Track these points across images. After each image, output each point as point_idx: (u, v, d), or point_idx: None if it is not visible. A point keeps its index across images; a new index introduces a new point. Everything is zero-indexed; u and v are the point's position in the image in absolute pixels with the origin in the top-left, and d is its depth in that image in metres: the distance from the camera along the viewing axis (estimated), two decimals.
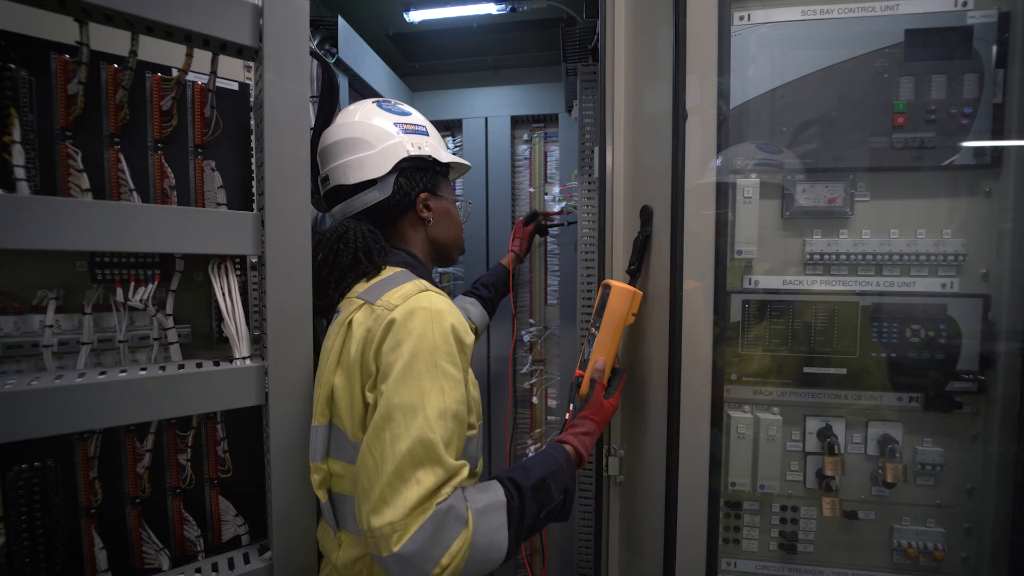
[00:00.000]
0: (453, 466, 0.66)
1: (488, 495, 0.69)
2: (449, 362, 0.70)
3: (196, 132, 0.81)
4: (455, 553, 0.62)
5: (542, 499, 0.73)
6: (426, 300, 0.72)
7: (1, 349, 0.73)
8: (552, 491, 0.75)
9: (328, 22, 1.22)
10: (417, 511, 0.61)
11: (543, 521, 0.74)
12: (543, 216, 1.47)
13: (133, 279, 0.79)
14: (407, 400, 0.65)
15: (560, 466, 0.78)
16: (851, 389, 0.94)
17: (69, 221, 0.62)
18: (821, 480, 0.95)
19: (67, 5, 0.63)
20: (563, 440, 0.85)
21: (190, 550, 0.81)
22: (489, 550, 0.66)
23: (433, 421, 0.65)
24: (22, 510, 0.69)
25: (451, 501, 0.64)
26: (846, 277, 0.95)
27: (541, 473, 0.75)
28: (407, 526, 0.61)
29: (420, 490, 0.62)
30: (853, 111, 0.93)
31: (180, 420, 0.81)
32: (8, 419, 0.62)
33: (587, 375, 0.92)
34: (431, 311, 0.71)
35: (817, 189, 0.95)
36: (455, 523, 0.63)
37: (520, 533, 0.70)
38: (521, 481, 0.73)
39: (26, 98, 0.70)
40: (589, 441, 0.87)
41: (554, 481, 0.76)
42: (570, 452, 0.83)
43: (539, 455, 0.81)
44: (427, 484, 0.63)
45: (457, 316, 0.75)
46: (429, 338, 0.68)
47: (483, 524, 0.66)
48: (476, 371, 1.71)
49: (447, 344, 0.70)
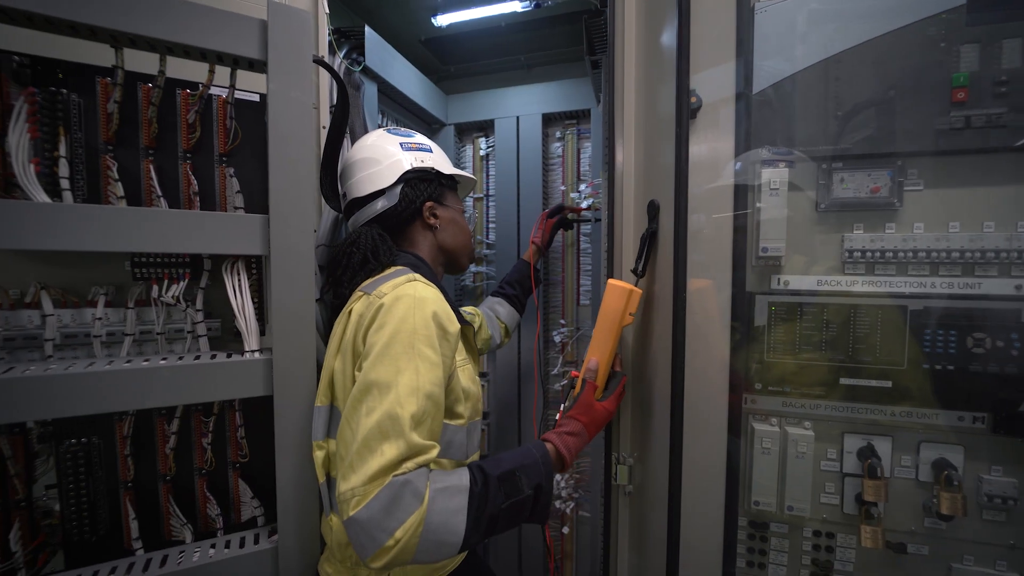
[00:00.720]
0: (417, 444, 0.67)
1: (452, 478, 0.70)
2: (427, 345, 0.72)
3: (219, 141, 0.88)
4: (408, 528, 0.63)
5: (508, 490, 0.72)
6: (411, 288, 0.76)
7: (60, 338, 0.83)
8: (521, 485, 0.73)
9: (356, 32, 1.27)
10: (377, 481, 0.64)
11: (510, 515, 0.73)
12: (569, 209, 1.44)
13: (167, 277, 0.87)
14: (382, 377, 0.69)
15: (534, 461, 0.77)
16: (898, 405, 0.83)
17: (98, 226, 0.69)
18: (861, 506, 0.84)
19: (98, 34, 0.70)
20: (546, 438, 0.84)
21: (212, 527, 0.88)
22: (443, 531, 0.65)
23: (404, 398, 0.68)
24: (70, 480, 0.79)
25: (410, 476, 0.65)
26: (893, 277, 0.83)
27: (511, 465, 0.75)
28: (366, 493, 0.63)
29: (382, 460, 0.64)
30: (901, 88, 0.81)
31: (205, 406, 0.88)
32: (61, 398, 0.71)
33: (580, 375, 0.89)
34: (415, 298, 0.75)
35: (858, 178, 0.85)
36: (412, 498, 0.64)
37: (480, 521, 0.69)
38: (489, 470, 0.73)
39: (76, 117, 0.79)
40: (573, 441, 0.84)
41: (525, 475, 0.74)
42: (550, 450, 0.82)
43: (518, 449, 0.81)
44: (389, 456, 0.65)
45: (441, 306, 0.78)
46: (410, 321, 0.72)
47: (439, 504, 0.66)
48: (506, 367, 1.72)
49: (427, 329, 0.73)
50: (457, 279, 1.83)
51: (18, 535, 0.75)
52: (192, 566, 0.77)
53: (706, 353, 0.86)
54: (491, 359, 1.81)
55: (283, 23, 0.78)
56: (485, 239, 1.80)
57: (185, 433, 0.87)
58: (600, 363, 0.90)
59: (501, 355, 1.77)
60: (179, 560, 0.79)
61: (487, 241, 1.80)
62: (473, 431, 0.87)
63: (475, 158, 1.81)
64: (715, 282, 0.87)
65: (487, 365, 1.83)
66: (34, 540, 0.77)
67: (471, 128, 1.81)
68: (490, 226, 1.79)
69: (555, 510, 1.67)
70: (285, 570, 0.83)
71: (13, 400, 0.68)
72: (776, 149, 0.88)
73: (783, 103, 0.87)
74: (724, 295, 0.87)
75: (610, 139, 0.93)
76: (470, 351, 0.95)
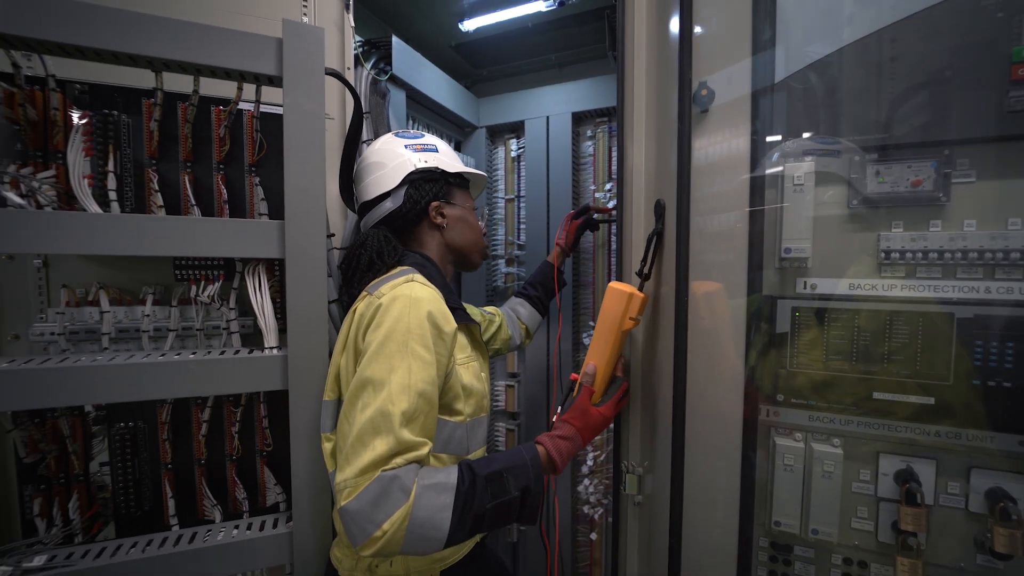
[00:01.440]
0: (408, 440, 0.69)
1: (440, 475, 0.71)
2: (421, 344, 0.74)
3: (248, 152, 0.95)
4: (395, 521, 0.65)
5: (495, 491, 0.73)
6: (408, 289, 0.78)
7: (115, 332, 0.93)
8: (508, 486, 0.74)
9: (384, 42, 1.32)
10: (367, 474, 0.66)
11: (496, 515, 0.73)
12: (594, 210, 1.41)
13: (203, 278, 0.96)
14: (376, 374, 0.71)
15: (523, 463, 0.77)
16: (943, 424, 0.74)
17: (135, 233, 0.77)
18: (898, 535, 0.76)
19: (137, 61, 0.79)
20: (538, 441, 0.84)
21: (239, 509, 0.95)
22: (428, 527, 0.67)
23: (395, 395, 0.70)
24: (119, 460, 0.89)
25: (399, 472, 0.67)
26: (939, 281, 0.74)
27: (500, 466, 0.75)
28: (356, 485, 0.66)
29: (372, 455, 0.67)
30: (948, 67, 0.72)
31: (234, 397, 0.95)
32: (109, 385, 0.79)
33: (579, 379, 0.87)
34: (410, 298, 0.76)
35: (896, 171, 0.76)
36: (399, 493, 0.66)
37: (465, 519, 0.70)
38: (478, 470, 0.74)
39: (125, 136, 0.89)
40: (565, 445, 0.83)
41: (512, 476, 0.75)
42: (540, 453, 0.81)
43: (509, 450, 0.81)
44: (379, 451, 0.67)
45: (437, 305, 0.79)
46: (404, 321, 0.74)
47: (425, 500, 0.67)
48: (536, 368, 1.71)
49: (421, 328, 0.75)
50: (489, 280, 1.85)
51: (76, 505, 0.86)
52: (216, 544, 0.84)
53: (718, 360, 0.81)
54: (521, 360, 1.81)
55: (296, 40, 0.83)
56: (516, 240, 1.81)
57: (217, 421, 0.95)
58: (598, 368, 0.87)
59: (531, 356, 1.77)
60: (206, 538, 0.86)
61: (518, 242, 1.80)
62: (476, 427, 0.88)
63: (506, 160, 1.82)
64: (728, 285, 0.82)
65: (517, 366, 1.83)
66: (89, 510, 0.88)
67: (503, 130, 1.82)
68: (521, 227, 1.79)
69: (583, 515, 1.64)
70: (300, 553, 0.88)
71: (72, 386, 0.77)
72: (800, 141, 0.81)
73: (810, 91, 0.80)
74: (739, 299, 0.82)
75: (620, 138, 0.90)
76: (476, 348, 0.96)
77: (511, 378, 1.85)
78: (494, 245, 1.85)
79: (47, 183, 0.81)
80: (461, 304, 0.99)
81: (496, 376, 1.89)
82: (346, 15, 1.14)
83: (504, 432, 1.87)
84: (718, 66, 0.82)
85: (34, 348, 0.90)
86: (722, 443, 0.83)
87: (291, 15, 1.12)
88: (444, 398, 0.81)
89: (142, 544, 0.83)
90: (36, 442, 0.83)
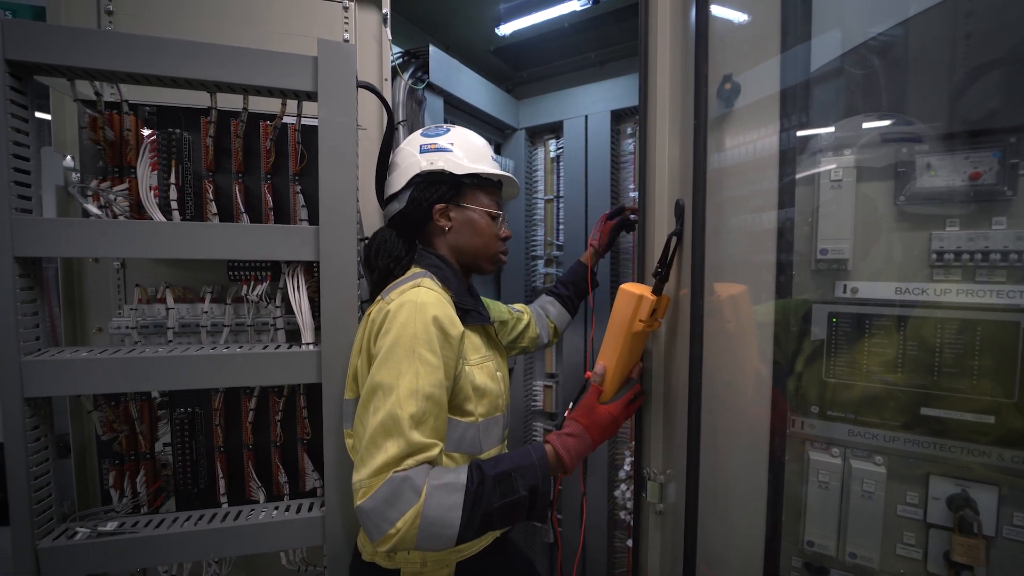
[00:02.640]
0: (418, 442, 0.72)
1: (450, 476, 0.73)
2: (427, 349, 0.77)
3: (292, 163, 1.03)
4: (407, 519, 0.68)
5: (503, 491, 0.74)
6: (415, 295, 0.80)
7: (178, 327, 1.04)
8: (516, 485, 0.75)
9: (422, 51, 1.37)
10: (380, 475, 0.70)
11: (506, 513, 0.74)
12: (630, 210, 1.38)
13: (253, 279, 1.04)
14: (385, 379, 0.75)
15: (531, 463, 0.78)
16: (1009, 448, 0.66)
17: (189, 239, 0.86)
18: (950, 567, 0.68)
19: (193, 84, 0.88)
20: (547, 440, 0.84)
21: (281, 492, 1.03)
22: (439, 525, 0.70)
23: (404, 399, 0.73)
24: (178, 441, 0.99)
25: (410, 473, 0.70)
26: (1002, 285, 0.66)
27: (508, 466, 0.77)
28: (370, 485, 0.70)
29: (384, 457, 0.71)
30: (1006, 46, 0.64)
31: (278, 388, 1.04)
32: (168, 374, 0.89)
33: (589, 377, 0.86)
34: (416, 304, 0.79)
35: (951, 162, 0.69)
36: (410, 493, 0.69)
37: (475, 518, 0.71)
38: (487, 470, 0.75)
39: (186, 151, 0.99)
40: (572, 443, 0.83)
41: (520, 476, 0.76)
42: (548, 452, 0.82)
43: (519, 450, 0.81)
44: (391, 453, 0.71)
45: (443, 310, 0.81)
46: (411, 327, 0.77)
47: (435, 499, 0.70)
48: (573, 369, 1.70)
49: (427, 334, 0.77)
50: (528, 280, 1.86)
51: (143, 479, 0.97)
52: (257, 523, 0.92)
53: (744, 366, 0.77)
54: (559, 361, 1.81)
55: (330, 57, 0.88)
56: (555, 240, 1.80)
57: (263, 410, 1.03)
58: (607, 368, 0.86)
59: (568, 357, 1.76)
60: (248, 516, 0.94)
61: (556, 243, 1.80)
62: (489, 427, 0.89)
63: (545, 160, 1.82)
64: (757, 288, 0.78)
65: (556, 367, 1.83)
66: (154, 484, 0.99)
67: (542, 131, 1.82)
68: (560, 227, 1.79)
69: (620, 521, 1.61)
70: (330, 537, 0.94)
71: (140, 373, 0.88)
72: (838, 135, 0.75)
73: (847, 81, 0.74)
74: (768, 302, 0.77)
75: (643, 137, 0.88)
76: (492, 348, 0.97)
77: (549, 378, 1.85)
78: (533, 246, 1.86)
79: (121, 195, 0.92)
80: (476, 306, 0.98)
81: (534, 376, 1.90)
82: (384, 29, 1.20)
83: (542, 432, 1.88)
84: (746, 57, 0.78)
85: (112, 340, 1.02)
86: (749, 454, 0.79)
87: (334, 33, 1.19)
88: (454, 399, 0.83)
89: (195, 518, 0.93)
90: (111, 422, 0.95)
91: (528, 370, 1.90)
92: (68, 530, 0.88)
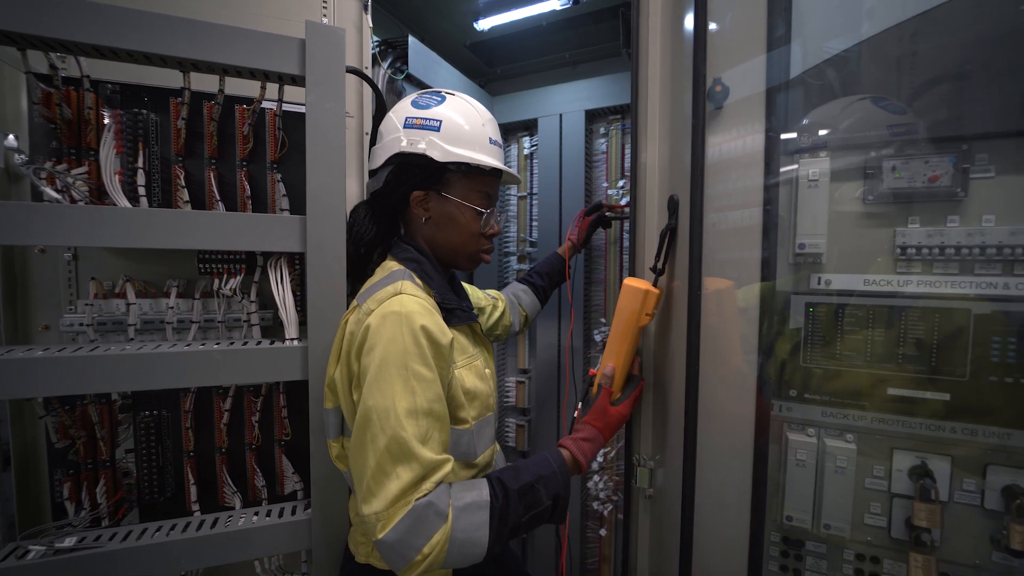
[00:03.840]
0: (430, 461, 0.68)
1: (473, 493, 0.71)
2: (420, 363, 0.71)
3: (270, 150, 0.98)
4: (435, 544, 0.66)
5: (528, 503, 0.73)
6: (397, 304, 0.73)
7: (140, 323, 0.97)
8: (540, 496, 0.74)
9: (400, 42, 1.34)
10: (399, 504, 0.66)
11: (530, 523, 0.74)
12: (607, 207, 1.41)
13: (226, 272, 0.98)
14: (380, 403, 0.69)
15: (552, 472, 0.77)
16: (959, 421, 0.74)
17: (166, 227, 0.80)
18: (911, 531, 0.76)
19: (168, 61, 0.82)
20: (563, 445, 0.84)
21: (258, 497, 0.98)
22: (468, 545, 0.68)
23: (404, 420, 0.68)
24: (143, 447, 0.92)
25: (431, 497, 0.67)
26: (955, 277, 0.74)
27: (530, 477, 0.75)
28: (389, 516, 0.66)
29: (400, 484, 0.66)
30: (968, 62, 0.72)
31: (254, 387, 0.98)
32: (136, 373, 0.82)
33: (597, 379, 0.88)
34: (401, 315, 0.72)
35: (913, 166, 0.76)
36: (435, 518, 0.66)
37: (503, 532, 0.71)
38: (509, 483, 0.73)
39: (153, 133, 0.92)
40: (588, 447, 0.83)
41: (543, 486, 0.75)
42: (567, 458, 0.81)
43: (535, 458, 0.80)
44: (405, 479, 0.66)
45: (431, 319, 0.75)
46: (399, 342, 0.71)
47: (463, 521, 0.68)
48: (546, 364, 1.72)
49: (418, 347, 0.71)
50: (500, 276, 1.86)
51: (103, 490, 0.89)
52: (239, 529, 0.87)
53: (730, 355, 0.82)
54: (532, 356, 1.82)
55: (318, 41, 0.85)
56: (528, 237, 1.82)
57: (237, 411, 0.98)
58: (616, 368, 0.88)
59: (542, 352, 1.78)
60: (227, 523, 0.88)
61: (529, 239, 1.81)
62: (482, 429, 0.86)
63: (519, 157, 1.83)
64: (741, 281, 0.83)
65: (528, 362, 1.84)
66: (115, 495, 0.91)
67: (516, 128, 1.83)
68: (533, 224, 1.80)
69: (593, 512, 1.65)
70: (317, 539, 0.91)
71: (105, 373, 0.80)
72: (815, 137, 0.81)
73: (826, 86, 0.81)
74: (752, 295, 0.82)
75: (633, 135, 0.91)
76: (478, 345, 0.93)
77: (522, 374, 1.86)
78: (506, 242, 1.87)
79: (80, 179, 0.84)
80: (460, 303, 0.91)
81: (506, 372, 1.90)
82: (364, 16, 1.16)
83: (515, 428, 1.89)
84: (732, 62, 0.82)
85: (63, 338, 0.93)
86: (733, 438, 0.83)
87: (311, 16, 1.14)
88: (448, 408, 0.79)
89: (167, 528, 0.86)
90: (68, 428, 0.86)
91: (500, 366, 1.91)
92: (17, 549, 0.79)
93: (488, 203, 0.92)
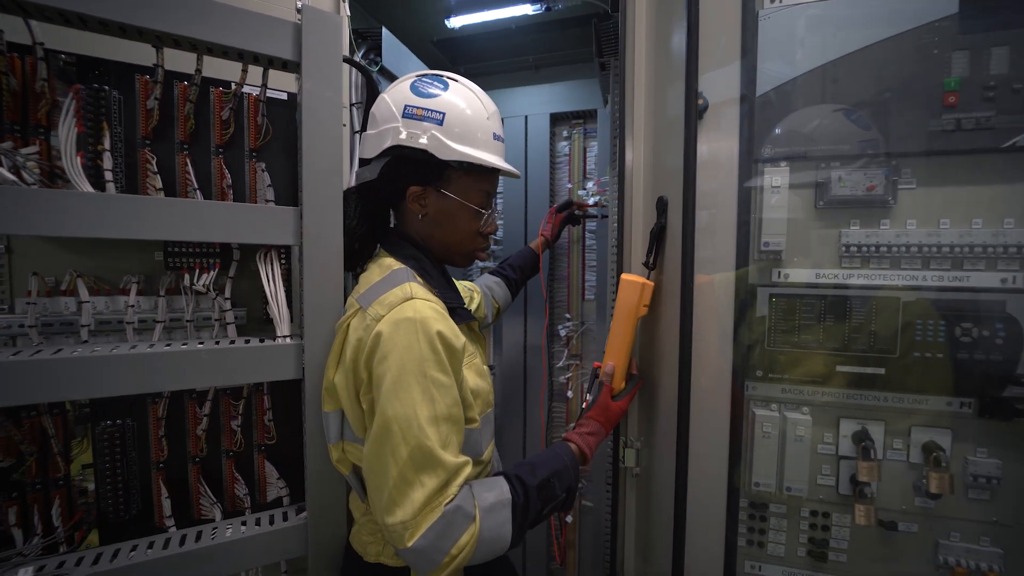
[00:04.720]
0: (454, 465, 0.70)
1: (495, 492, 0.73)
2: (438, 370, 0.71)
3: (250, 137, 0.92)
4: (463, 545, 0.68)
5: (546, 497, 0.77)
6: (411, 310, 0.72)
7: (94, 324, 0.87)
8: (556, 489, 0.79)
9: (373, 33, 1.31)
10: (426, 510, 0.67)
11: (546, 515, 0.79)
12: (577, 206, 1.49)
13: (198, 267, 0.91)
14: (400, 412, 0.68)
15: (565, 466, 0.82)
16: (890, 391, 0.88)
17: (143, 215, 0.73)
18: (855, 486, 0.89)
19: (144, 35, 0.75)
20: (569, 439, 0.89)
21: (239, 506, 0.92)
22: (494, 542, 0.71)
23: (426, 428, 0.69)
24: (106, 460, 0.83)
25: (458, 500, 0.69)
26: (887, 271, 0.89)
27: (546, 473, 0.79)
28: (418, 524, 0.66)
29: (425, 492, 0.67)
30: (896, 92, 0.87)
31: (233, 390, 0.92)
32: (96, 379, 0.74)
33: (600, 376, 0.95)
34: (416, 321, 0.71)
35: (855, 177, 0.90)
36: (463, 520, 0.69)
37: (524, 526, 0.75)
38: (527, 480, 0.77)
39: (116, 113, 0.83)
40: (593, 441, 0.89)
41: (559, 480, 0.79)
42: (575, 452, 0.87)
43: (546, 453, 0.84)
44: (431, 486, 0.68)
45: (444, 323, 0.75)
46: (416, 349, 0.70)
47: (489, 521, 0.70)
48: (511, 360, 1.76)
49: (435, 353, 0.71)
50: (464, 273, 1.87)
51: (59, 512, 0.79)
52: (226, 541, 0.81)
53: (710, 343, 0.91)
54: (497, 353, 1.86)
55: (316, 26, 0.82)
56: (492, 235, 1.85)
57: (215, 416, 0.91)
58: (616, 367, 0.95)
59: (507, 349, 1.82)
60: (213, 536, 0.82)
61: (495, 237, 1.84)
62: (485, 425, 0.87)
63: None
64: (719, 276, 0.92)
65: (493, 359, 1.87)
66: (72, 518, 0.81)
67: None
68: (498, 222, 1.84)
69: None
70: (316, 543, 0.87)
71: (54, 380, 0.71)
72: (777, 149, 0.93)
73: (784, 105, 0.93)
74: (728, 288, 0.92)
75: (620, 138, 0.98)
76: (475, 341, 0.94)
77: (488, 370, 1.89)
78: None
79: (31, 159, 0.74)
80: (460, 301, 0.91)
81: None
82: (342, 4, 1.13)
83: None
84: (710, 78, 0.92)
85: None
86: (712, 417, 0.93)
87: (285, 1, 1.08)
88: None
89: (143, 547, 0.79)
90: (17, 443, 0.76)
91: None
92: None
93: (488, 202, 0.91)
